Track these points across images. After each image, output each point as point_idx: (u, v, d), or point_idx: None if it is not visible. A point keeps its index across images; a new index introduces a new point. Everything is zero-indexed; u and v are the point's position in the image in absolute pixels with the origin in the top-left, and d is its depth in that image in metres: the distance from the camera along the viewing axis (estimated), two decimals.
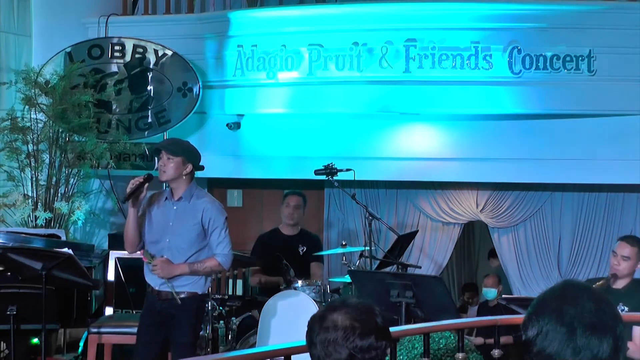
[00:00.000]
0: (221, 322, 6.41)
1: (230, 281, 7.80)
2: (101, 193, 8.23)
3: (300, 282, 6.12)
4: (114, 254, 7.01)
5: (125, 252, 5.44)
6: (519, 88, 7.26)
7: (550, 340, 1.90)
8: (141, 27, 8.29)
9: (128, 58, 8.08)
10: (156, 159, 7.48)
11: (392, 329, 2.39)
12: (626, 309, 4.98)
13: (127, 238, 5.16)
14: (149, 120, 8.06)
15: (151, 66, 8.07)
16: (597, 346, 1.87)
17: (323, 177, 6.80)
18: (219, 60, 8.02)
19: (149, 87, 8.10)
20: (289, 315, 5.76)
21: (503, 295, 6.69)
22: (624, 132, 7.37)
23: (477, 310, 8.05)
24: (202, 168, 7.66)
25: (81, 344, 6.83)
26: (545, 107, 7.37)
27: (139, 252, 5.15)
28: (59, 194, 7.65)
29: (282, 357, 3.57)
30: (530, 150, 7.56)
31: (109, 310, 6.81)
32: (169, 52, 8.03)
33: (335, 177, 6.60)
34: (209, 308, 6.17)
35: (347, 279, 6.09)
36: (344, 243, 6.57)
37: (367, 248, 6.34)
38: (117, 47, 8.10)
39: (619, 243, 5.27)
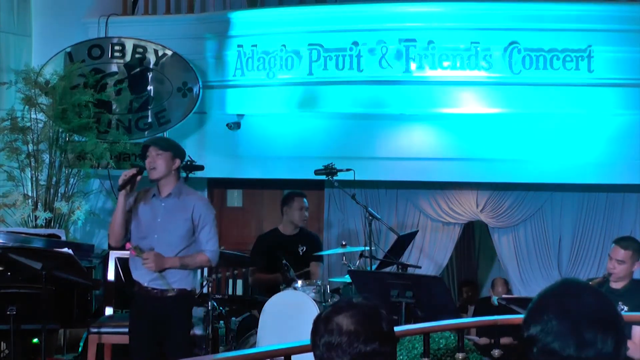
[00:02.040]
0: (221, 322, 6.42)
1: (230, 281, 7.81)
2: (101, 193, 8.23)
3: (300, 282, 6.11)
4: (114, 254, 7.00)
5: (126, 252, 5.46)
6: (519, 88, 7.26)
7: (554, 335, 1.89)
8: (141, 27, 8.29)
9: (128, 58, 8.08)
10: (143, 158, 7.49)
11: None
12: (626, 308, 4.98)
13: (113, 229, 5.22)
14: (149, 120, 8.06)
15: (151, 66, 8.07)
16: (602, 341, 1.87)
17: (323, 177, 6.81)
18: (219, 60, 8.02)
19: (149, 87, 8.10)
20: (289, 315, 5.75)
21: (503, 296, 6.68)
22: (624, 132, 7.37)
23: (477, 306, 8.02)
24: (201, 168, 7.68)
25: (81, 344, 6.83)
26: (545, 107, 7.37)
27: (126, 246, 5.19)
28: (59, 194, 7.66)
29: (282, 357, 3.57)
30: (530, 150, 7.56)
31: (109, 310, 6.80)
32: (169, 52, 8.03)
33: (335, 177, 6.60)
34: (209, 308, 6.18)
35: (347, 279, 6.09)
36: (344, 243, 6.57)
37: (367, 248, 6.34)
38: (117, 47, 8.10)
39: (613, 247, 5.29)
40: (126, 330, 5.42)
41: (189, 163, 7.50)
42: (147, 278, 5.14)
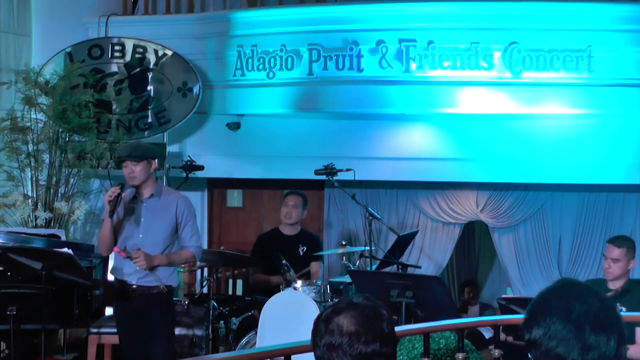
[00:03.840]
0: (221, 322, 6.42)
1: (230, 281, 7.80)
2: (101, 193, 8.21)
3: (300, 282, 6.12)
4: (113, 254, 7.00)
5: None
6: (519, 88, 7.26)
7: (558, 339, 1.87)
8: (141, 27, 8.29)
9: (128, 58, 8.08)
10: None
11: None
12: (624, 309, 4.99)
13: (103, 243, 5.38)
14: (149, 120, 8.06)
15: (151, 66, 8.07)
16: (605, 344, 1.86)
17: (323, 177, 6.81)
18: (219, 60, 8.03)
19: (149, 87, 8.10)
20: (289, 315, 5.76)
21: (503, 296, 6.68)
22: (623, 132, 7.37)
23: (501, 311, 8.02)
24: (201, 168, 7.67)
25: None
26: (545, 107, 7.37)
27: (115, 250, 5.35)
28: (59, 194, 7.66)
29: (282, 357, 3.57)
30: (530, 150, 7.56)
31: (109, 310, 6.80)
32: (169, 52, 8.03)
33: (335, 177, 6.61)
34: (209, 308, 6.18)
35: (347, 279, 6.09)
36: (344, 243, 6.57)
37: (367, 248, 6.34)
38: (117, 47, 8.10)
39: (607, 246, 5.33)
40: None
41: (189, 163, 7.51)
42: (135, 277, 5.30)
